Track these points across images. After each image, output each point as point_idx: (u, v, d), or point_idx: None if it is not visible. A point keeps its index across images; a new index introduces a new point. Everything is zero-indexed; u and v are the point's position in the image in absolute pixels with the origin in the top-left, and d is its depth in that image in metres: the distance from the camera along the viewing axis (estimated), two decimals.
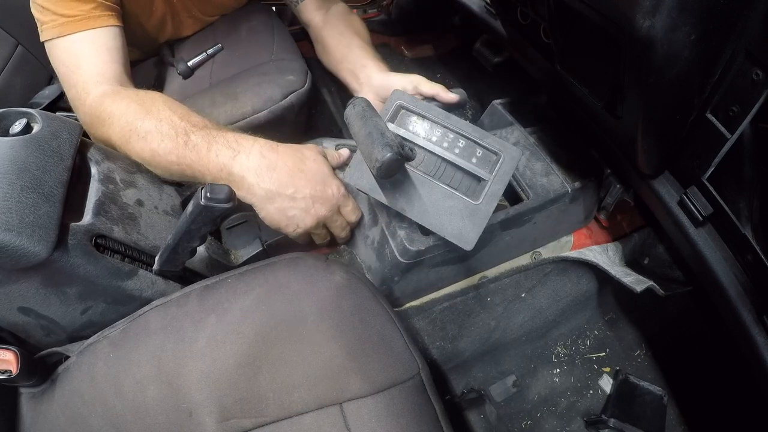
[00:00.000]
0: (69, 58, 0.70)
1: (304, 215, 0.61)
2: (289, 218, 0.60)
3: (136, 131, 0.61)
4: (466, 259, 0.70)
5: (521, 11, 0.71)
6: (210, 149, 0.59)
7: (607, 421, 0.81)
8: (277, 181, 0.59)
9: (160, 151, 0.60)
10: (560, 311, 0.89)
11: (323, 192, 0.61)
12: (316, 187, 0.61)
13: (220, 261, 0.63)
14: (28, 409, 0.54)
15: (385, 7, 1.50)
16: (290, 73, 0.91)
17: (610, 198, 0.76)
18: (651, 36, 0.40)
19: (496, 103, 0.85)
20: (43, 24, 0.70)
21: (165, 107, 0.63)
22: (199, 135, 0.60)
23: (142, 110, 0.62)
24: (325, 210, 0.62)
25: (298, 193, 0.59)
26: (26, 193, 0.47)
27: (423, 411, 0.51)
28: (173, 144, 0.59)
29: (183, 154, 0.59)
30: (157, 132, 0.60)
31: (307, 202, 0.60)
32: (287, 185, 0.59)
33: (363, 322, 0.53)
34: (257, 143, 0.61)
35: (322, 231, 0.65)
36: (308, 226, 0.62)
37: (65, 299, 0.52)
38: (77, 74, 0.69)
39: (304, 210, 0.60)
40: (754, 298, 0.51)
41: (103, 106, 0.65)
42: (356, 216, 0.67)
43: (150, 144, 0.60)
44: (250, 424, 0.49)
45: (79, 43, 0.70)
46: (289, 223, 0.61)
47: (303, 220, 0.61)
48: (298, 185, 0.59)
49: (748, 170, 0.48)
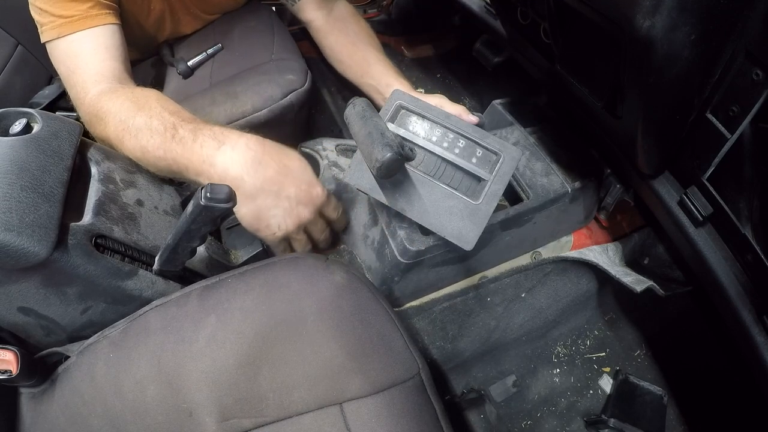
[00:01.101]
0: (68, 59, 0.70)
1: (285, 217, 0.58)
2: (268, 218, 0.57)
3: (128, 129, 0.60)
4: (466, 259, 0.70)
5: (521, 11, 0.71)
6: (195, 140, 0.57)
7: (607, 421, 0.81)
8: (263, 176, 0.56)
9: (149, 147, 0.59)
10: (560, 311, 0.89)
11: (308, 193, 0.59)
12: (301, 186, 0.58)
13: (220, 261, 0.63)
14: (28, 409, 0.54)
15: (385, 7, 1.50)
16: (290, 73, 0.91)
17: (610, 198, 0.76)
18: (651, 36, 0.40)
19: (496, 103, 0.85)
20: (43, 26, 0.70)
21: (157, 104, 0.62)
22: (186, 128, 0.59)
23: (135, 107, 0.62)
24: (308, 212, 0.59)
25: (283, 191, 0.57)
26: (26, 192, 0.47)
27: (423, 411, 0.51)
28: (161, 138, 0.58)
29: (169, 148, 0.58)
30: (147, 128, 0.59)
31: (290, 203, 0.58)
32: (273, 182, 0.56)
33: (363, 322, 0.53)
34: (244, 136, 0.58)
35: (302, 236, 0.62)
36: (289, 229, 0.59)
37: (65, 299, 0.52)
38: (77, 74, 0.69)
39: (286, 211, 0.58)
40: (754, 298, 0.51)
41: (100, 104, 0.65)
42: (337, 213, 0.65)
43: (140, 141, 0.59)
44: (250, 424, 0.49)
45: (78, 43, 0.70)
46: (269, 224, 0.58)
47: (284, 221, 0.58)
48: (284, 183, 0.57)
49: (748, 170, 0.48)
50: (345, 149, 0.81)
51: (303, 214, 0.59)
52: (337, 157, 0.78)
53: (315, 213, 0.61)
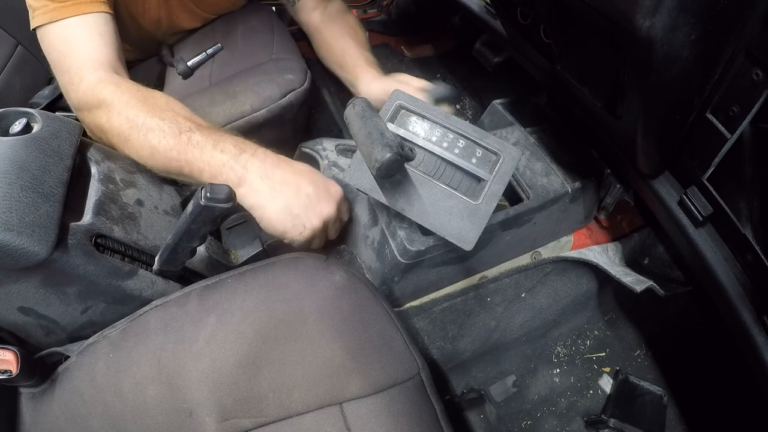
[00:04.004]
0: (61, 43, 0.69)
1: (310, 214, 0.60)
2: (294, 217, 0.59)
3: (137, 127, 0.61)
4: (466, 259, 0.70)
5: (521, 11, 0.71)
6: (216, 146, 0.60)
7: (607, 421, 0.81)
8: (281, 177, 0.59)
9: (161, 148, 0.60)
10: (560, 311, 0.89)
11: (326, 189, 0.61)
12: (318, 183, 0.61)
13: (220, 261, 0.63)
14: (28, 409, 0.54)
15: (385, 7, 1.50)
16: (289, 73, 0.91)
17: (610, 198, 0.76)
18: (651, 36, 0.40)
19: (496, 103, 0.85)
20: (35, 10, 0.70)
21: (168, 107, 0.63)
22: (204, 133, 0.61)
23: (145, 107, 0.62)
24: (329, 208, 0.61)
25: (302, 189, 0.59)
26: (26, 192, 0.47)
27: (423, 411, 0.51)
28: (175, 141, 0.60)
29: (185, 150, 0.60)
30: (159, 129, 0.60)
31: (311, 199, 0.60)
32: (290, 182, 0.59)
33: (363, 322, 0.53)
34: (261, 147, 0.62)
35: (323, 233, 0.64)
36: (315, 226, 0.60)
37: (65, 299, 0.52)
38: (70, 59, 0.68)
39: (308, 207, 0.60)
40: (754, 298, 0.51)
41: (102, 93, 0.64)
42: (347, 216, 0.67)
43: (151, 141, 0.60)
44: (250, 424, 0.49)
45: (71, 29, 0.69)
46: (295, 224, 0.59)
47: (309, 219, 0.60)
48: (301, 182, 0.60)
49: (748, 170, 0.48)
50: (345, 149, 0.81)
51: (324, 210, 0.61)
52: (337, 157, 0.78)
53: (335, 209, 0.62)
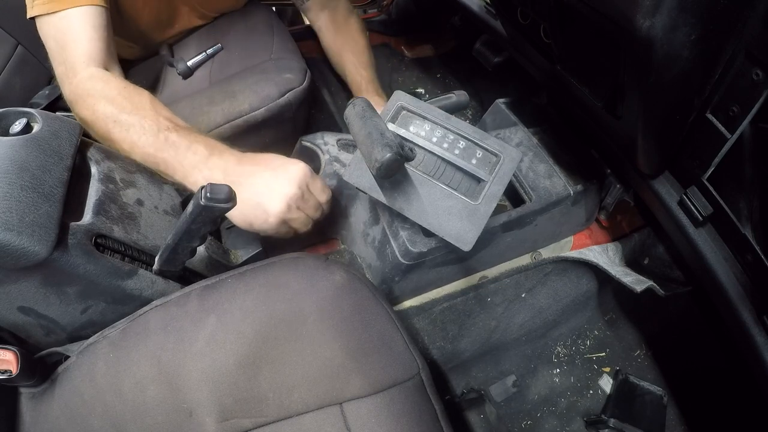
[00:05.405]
0: (58, 35, 0.71)
1: (269, 200, 0.58)
2: (255, 207, 0.58)
3: (119, 122, 0.63)
4: (467, 259, 0.70)
5: (521, 11, 0.71)
6: (189, 147, 0.61)
7: (607, 421, 0.81)
8: (240, 171, 0.60)
9: (140, 144, 0.62)
10: (560, 311, 0.89)
11: (284, 170, 0.60)
12: (275, 167, 0.60)
13: (220, 261, 0.63)
14: (28, 409, 0.54)
15: (385, 7, 1.50)
16: (288, 72, 0.91)
17: (610, 198, 0.76)
18: (651, 36, 0.40)
19: (499, 102, 0.84)
20: (34, 0, 0.71)
21: (151, 106, 0.66)
22: (182, 134, 0.63)
23: (129, 104, 0.65)
24: (289, 188, 0.59)
25: (259, 177, 0.59)
26: (26, 192, 0.47)
27: (423, 411, 0.50)
28: (154, 139, 0.62)
29: (161, 148, 0.62)
30: (140, 126, 0.63)
31: (269, 184, 0.59)
32: (249, 173, 0.60)
33: (363, 322, 0.53)
34: (231, 149, 0.63)
35: (297, 214, 0.61)
36: (279, 210, 0.58)
37: (65, 299, 0.52)
38: (66, 51, 0.71)
39: (266, 194, 0.58)
40: (754, 298, 0.51)
41: (92, 89, 0.67)
42: (326, 195, 0.64)
43: (131, 136, 0.63)
44: (250, 424, 0.49)
45: (67, 20, 0.71)
46: (257, 214, 0.58)
47: (271, 205, 0.58)
48: (257, 171, 0.60)
49: (748, 170, 0.48)
50: (346, 144, 0.80)
51: (285, 190, 0.59)
52: (338, 152, 0.77)
53: (300, 187, 0.60)
